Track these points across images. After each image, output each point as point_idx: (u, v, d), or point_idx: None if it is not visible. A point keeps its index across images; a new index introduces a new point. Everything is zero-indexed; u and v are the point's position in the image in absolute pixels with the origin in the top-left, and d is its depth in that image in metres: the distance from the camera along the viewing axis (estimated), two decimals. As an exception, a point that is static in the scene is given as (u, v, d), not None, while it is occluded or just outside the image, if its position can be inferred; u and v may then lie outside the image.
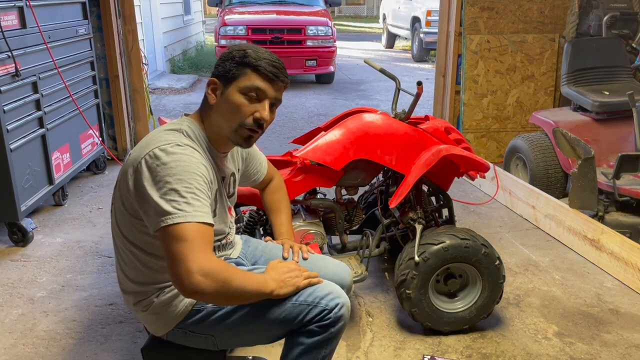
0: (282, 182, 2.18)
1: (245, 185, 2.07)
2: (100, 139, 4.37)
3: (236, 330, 1.65)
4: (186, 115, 1.69)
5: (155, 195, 1.44)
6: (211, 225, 1.48)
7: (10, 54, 3.08)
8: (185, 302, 1.63)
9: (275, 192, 2.13)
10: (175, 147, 1.50)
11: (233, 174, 1.81)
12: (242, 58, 1.60)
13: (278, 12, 8.69)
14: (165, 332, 1.67)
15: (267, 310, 1.62)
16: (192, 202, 1.44)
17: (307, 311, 1.61)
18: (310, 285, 1.65)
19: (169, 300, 1.63)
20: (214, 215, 1.64)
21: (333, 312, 1.61)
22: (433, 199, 2.81)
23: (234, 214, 1.87)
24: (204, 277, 1.40)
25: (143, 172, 1.48)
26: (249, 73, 1.60)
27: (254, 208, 2.59)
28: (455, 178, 2.67)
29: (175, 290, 1.62)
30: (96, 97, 4.37)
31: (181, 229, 1.42)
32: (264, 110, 1.61)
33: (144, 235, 1.56)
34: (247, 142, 1.66)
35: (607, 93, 3.88)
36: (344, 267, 1.93)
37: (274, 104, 1.66)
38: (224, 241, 1.78)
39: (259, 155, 2.05)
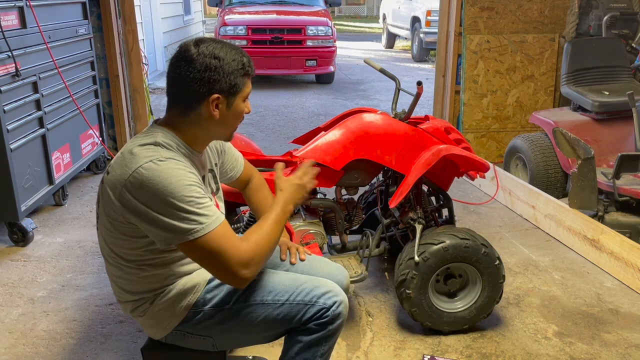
0: (262, 180, 2.11)
1: (223, 182, 2.00)
2: (101, 138, 4.37)
3: (234, 331, 1.66)
4: (156, 121, 1.63)
5: (160, 217, 1.43)
6: (223, 218, 1.51)
7: (10, 54, 3.08)
8: (182, 305, 1.63)
9: (259, 190, 2.08)
10: (158, 163, 1.46)
11: (211, 170, 1.79)
12: (243, 69, 1.58)
13: (278, 12, 8.69)
14: (163, 335, 1.67)
15: (265, 311, 1.63)
16: (201, 211, 1.45)
17: (304, 311, 1.62)
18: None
19: (166, 305, 1.63)
20: None
21: (331, 310, 1.62)
22: (433, 199, 2.81)
23: (222, 210, 1.85)
24: (248, 268, 1.48)
25: (133, 196, 1.45)
26: (247, 80, 1.61)
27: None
28: (455, 178, 2.68)
29: (171, 295, 1.62)
30: (96, 97, 4.37)
31: (204, 241, 1.45)
32: (249, 104, 1.66)
33: (135, 250, 1.55)
34: (232, 136, 1.73)
35: (607, 93, 3.88)
36: (341, 269, 1.93)
37: None
38: None
39: (234, 150, 2.00)
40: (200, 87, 1.53)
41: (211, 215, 1.47)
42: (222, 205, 1.84)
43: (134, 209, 1.46)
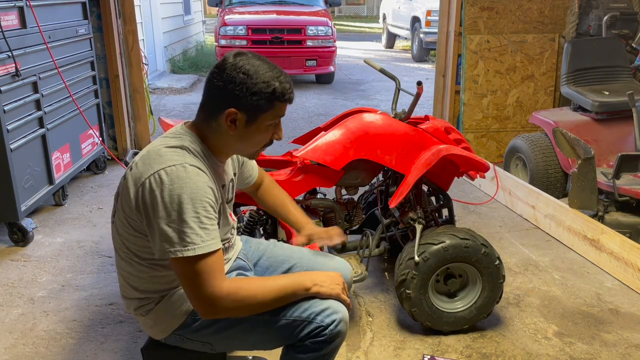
0: (273, 180, 2.13)
1: (237, 188, 1.97)
2: (101, 138, 4.37)
3: (233, 339, 1.65)
4: (185, 123, 1.62)
5: (162, 223, 1.43)
6: (220, 249, 1.48)
7: (10, 54, 3.08)
8: (182, 309, 1.62)
9: (272, 189, 2.09)
10: (180, 169, 1.45)
11: (232, 180, 1.78)
12: (272, 94, 1.53)
13: (278, 12, 8.69)
14: (162, 337, 1.67)
15: (262, 325, 1.61)
16: (199, 232, 1.43)
17: (301, 327, 1.59)
18: (344, 300, 1.64)
19: (167, 306, 1.63)
20: (218, 227, 1.61)
21: (329, 329, 1.57)
22: (433, 199, 2.81)
23: (235, 218, 1.85)
24: (213, 306, 1.46)
25: (148, 196, 1.45)
26: (278, 105, 1.57)
27: (254, 208, 2.59)
28: (455, 178, 2.68)
29: (174, 297, 1.63)
30: (96, 97, 4.37)
31: (191, 261, 1.43)
32: (280, 130, 1.64)
33: (149, 249, 1.54)
34: (257, 156, 1.71)
35: (607, 93, 3.88)
36: (345, 265, 1.92)
37: None
38: (226, 245, 1.77)
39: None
40: (221, 98, 1.51)
41: (207, 239, 1.44)
42: (232, 214, 1.83)
43: (144, 208, 1.46)
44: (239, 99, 1.51)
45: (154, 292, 1.63)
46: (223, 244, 1.71)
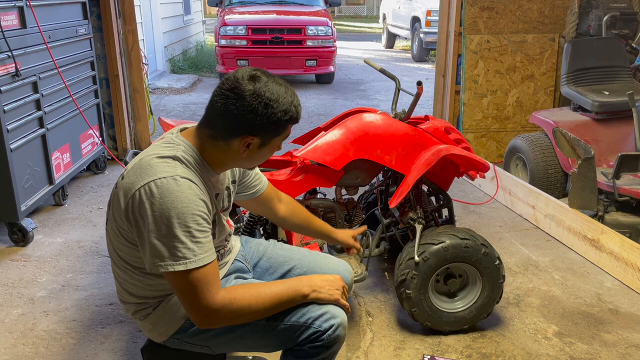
0: (291, 199, 2.06)
1: (243, 198, 1.92)
2: (100, 138, 4.37)
3: (231, 344, 1.65)
4: (181, 131, 1.59)
5: (152, 236, 1.41)
6: (213, 261, 1.47)
7: (10, 54, 3.08)
8: (180, 314, 1.62)
9: (294, 209, 2.03)
10: (171, 182, 1.43)
11: (228, 188, 1.75)
12: (289, 119, 1.53)
13: (278, 12, 8.69)
14: (161, 340, 1.67)
15: (260, 330, 1.60)
16: (192, 247, 1.42)
17: (299, 332, 1.58)
18: (344, 305, 1.64)
19: (166, 312, 1.62)
20: (214, 237, 1.60)
21: (326, 334, 1.57)
22: (433, 199, 2.81)
23: (232, 224, 1.83)
24: (208, 318, 1.46)
25: (138, 208, 1.43)
26: (289, 127, 1.57)
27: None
28: (455, 178, 2.68)
29: (171, 302, 1.62)
30: (96, 97, 4.37)
31: (184, 275, 1.41)
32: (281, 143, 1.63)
33: (141, 258, 1.52)
34: (255, 167, 1.73)
35: (607, 93, 3.88)
36: (345, 265, 1.92)
37: None
38: (222, 251, 1.76)
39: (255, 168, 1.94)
40: (239, 125, 1.49)
41: (199, 253, 1.43)
42: (229, 220, 1.83)
43: (134, 220, 1.45)
44: (258, 127, 1.49)
45: (150, 297, 1.63)
46: (218, 250, 1.71)
